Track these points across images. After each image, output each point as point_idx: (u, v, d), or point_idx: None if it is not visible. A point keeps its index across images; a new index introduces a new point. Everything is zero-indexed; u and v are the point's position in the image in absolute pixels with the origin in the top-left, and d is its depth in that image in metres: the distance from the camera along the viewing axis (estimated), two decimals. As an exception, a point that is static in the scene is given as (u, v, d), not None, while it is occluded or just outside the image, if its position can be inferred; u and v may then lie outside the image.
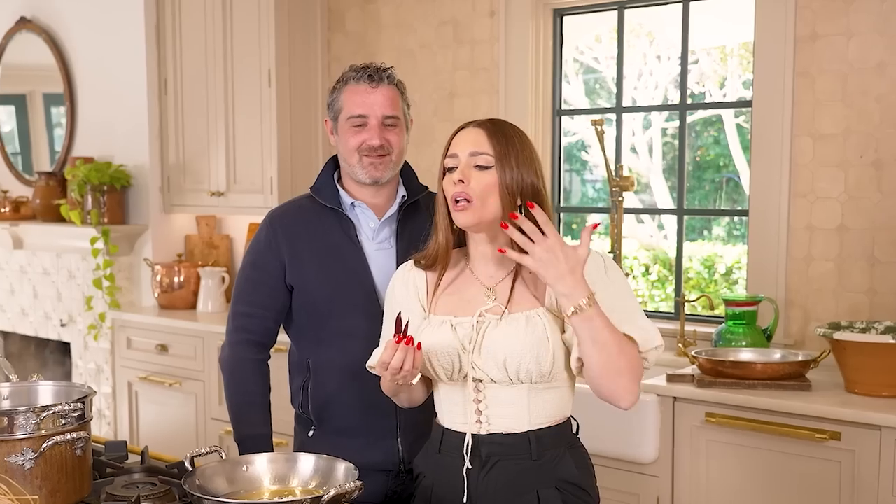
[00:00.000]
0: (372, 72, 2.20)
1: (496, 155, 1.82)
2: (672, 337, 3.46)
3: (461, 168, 1.83)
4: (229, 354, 2.28)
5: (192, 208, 4.76)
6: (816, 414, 2.69)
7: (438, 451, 1.90)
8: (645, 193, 7.39)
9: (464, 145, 1.85)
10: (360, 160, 2.19)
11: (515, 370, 1.79)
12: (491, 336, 1.81)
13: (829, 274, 3.25)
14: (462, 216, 1.83)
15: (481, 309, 1.84)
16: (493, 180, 1.81)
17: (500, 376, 1.81)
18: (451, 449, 1.88)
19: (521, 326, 1.80)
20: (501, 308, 1.84)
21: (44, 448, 1.74)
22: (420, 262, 1.95)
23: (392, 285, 2.00)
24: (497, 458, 1.83)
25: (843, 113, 3.20)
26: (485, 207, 1.82)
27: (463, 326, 1.84)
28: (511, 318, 1.82)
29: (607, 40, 6.82)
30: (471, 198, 1.81)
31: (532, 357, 1.78)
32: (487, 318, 1.83)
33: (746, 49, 6.51)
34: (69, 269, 5.05)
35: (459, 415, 1.87)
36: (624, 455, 3.00)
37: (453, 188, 1.83)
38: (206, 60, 4.54)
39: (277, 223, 2.26)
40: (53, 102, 5.35)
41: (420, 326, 1.89)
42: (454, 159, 1.85)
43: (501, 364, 1.79)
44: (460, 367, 1.83)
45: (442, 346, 1.83)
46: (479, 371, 1.81)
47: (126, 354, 4.70)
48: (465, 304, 1.87)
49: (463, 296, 1.89)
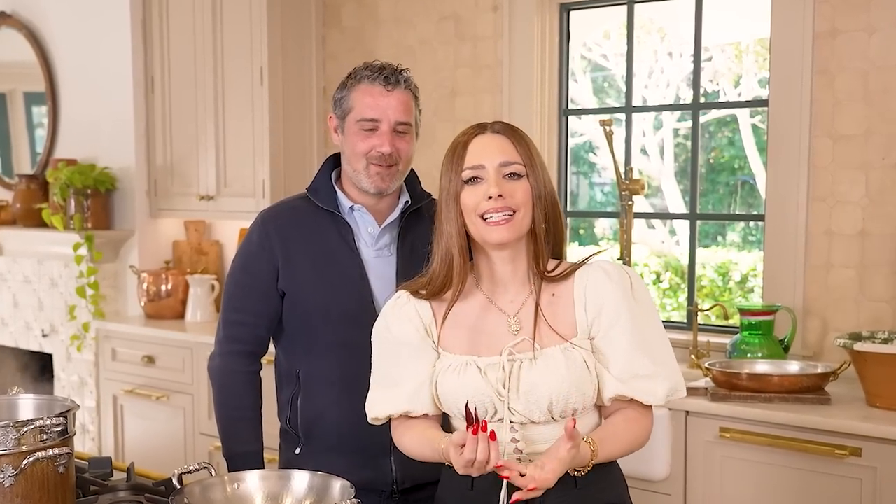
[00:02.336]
0: (389, 73, 2.17)
1: (526, 163, 1.79)
2: (684, 348, 3.46)
3: (493, 180, 1.76)
4: (219, 365, 2.28)
5: (180, 213, 4.76)
6: (836, 429, 2.69)
7: (471, 488, 1.80)
8: (656, 197, 7.39)
9: (489, 155, 1.78)
10: (366, 167, 2.17)
11: (560, 410, 1.74)
12: (528, 378, 1.74)
13: (849, 282, 3.25)
14: (503, 232, 1.75)
15: (509, 346, 1.76)
16: (528, 189, 1.77)
17: (542, 418, 1.75)
18: (487, 486, 1.75)
19: (560, 363, 1.75)
20: (530, 342, 1.77)
21: (24, 465, 1.74)
22: (420, 291, 1.85)
23: (386, 323, 1.88)
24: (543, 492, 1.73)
25: (863, 112, 3.20)
26: (524, 220, 1.77)
27: (492, 368, 1.75)
28: (546, 354, 1.76)
29: (616, 36, 6.83)
30: (516, 210, 1.76)
31: (578, 395, 1.74)
32: (518, 358, 1.76)
33: (762, 45, 6.52)
34: (51, 277, 5.06)
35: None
36: (634, 472, 3.00)
37: (487, 204, 1.75)
38: (195, 57, 4.55)
39: (270, 224, 2.25)
40: (34, 101, 5.36)
41: (436, 367, 1.82)
42: (479, 171, 1.77)
43: (545, 407, 1.73)
44: (496, 412, 1.75)
45: (472, 392, 1.75)
46: (518, 415, 1.75)
47: (111, 366, 4.70)
48: (488, 339, 1.79)
49: (482, 328, 1.81)
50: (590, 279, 1.80)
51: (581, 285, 1.80)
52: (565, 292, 1.81)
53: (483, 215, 1.76)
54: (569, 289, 1.81)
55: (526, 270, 1.82)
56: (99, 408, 4.78)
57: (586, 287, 1.79)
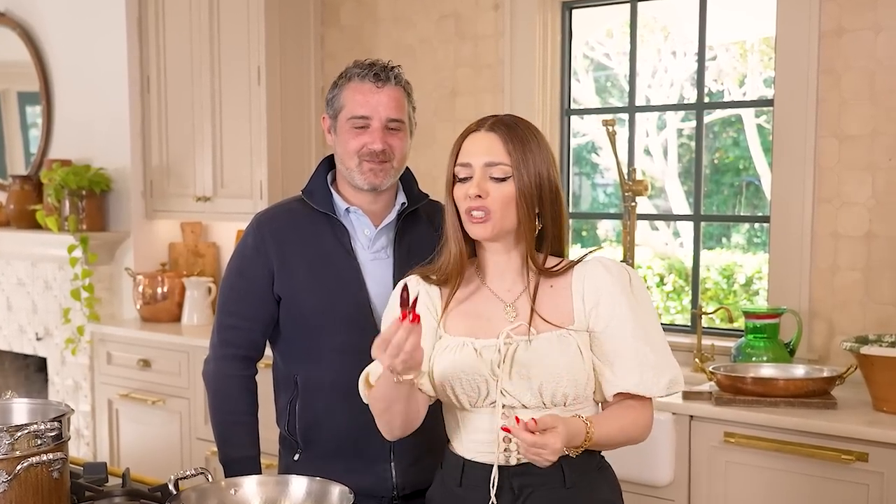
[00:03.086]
0: (378, 70, 2.18)
1: (513, 164, 1.82)
2: (688, 352, 3.46)
3: (476, 181, 1.81)
4: (214, 370, 2.28)
5: (176, 214, 4.76)
6: (842, 434, 2.69)
7: (459, 484, 1.86)
8: (659, 198, 7.39)
9: (477, 154, 1.83)
10: (359, 164, 2.18)
11: (551, 394, 1.79)
12: (521, 359, 1.79)
13: (855, 284, 3.25)
14: (480, 229, 1.83)
15: (507, 329, 1.82)
16: (510, 191, 1.82)
17: (533, 402, 1.79)
18: (476, 482, 1.83)
19: (554, 347, 1.80)
20: (526, 327, 1.82)
21: (18, 470, 1.74)
22: (431, 276, 1.92)
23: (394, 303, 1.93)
24: (531, 489, 1.81)
25: (870, 112, 3.20)
26: (504, 219, 1.82)
27: (488, 349, 1.81)
28: (541, 338, 1.81)
29: (619, 35, 6.84)
30: (490, 212, 1.81)
31: (569, 379, 1.79)
32: (515, 340, 1.81)
33: (768, 44, 6.53)
34: (45, 279, 5.05)
35: (484, 444, 1.84)
36: (637, 478, 3.00)
37: (468, 202, 1.82)
38: (192, 57, 4.55)
39: (266, 227, 2.25)
40: (28, 101, 5.36)
41: (435, 348, 1.87)
42: (467, 169, 1.84)
43: (536, 389, 1.78)
44: (487, 393, 1.81)
45: (466, 371, 1.80)
46: (509, 397, 1.80)
47: (106, 370, 4.70)
48: (485, 324, 1.85)
49: (480, 313, 1.86)
50: (588, 272, 1.87)
51: (580, 277, 1.86)
52: (563, 284, 1.87)
53: (465, 212, 1.84)
54: (567, 281, 1.87)
55: (521, 262, 1.88)
56: (94, 412, 4.78)
57: (585, 279, 1.86)
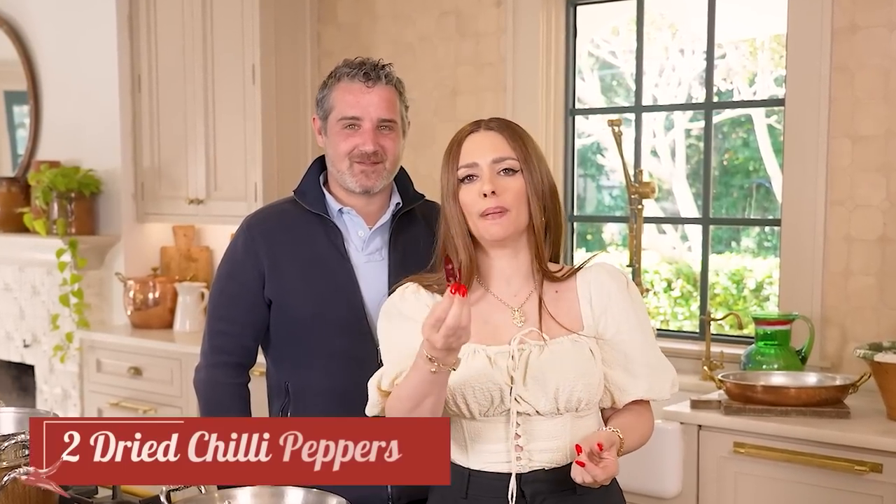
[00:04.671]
0: (368, 69, 2.19)
1: (520, 158, 1.85)
2: (697, 359, 3.46)
3: (487, 178, 1.83)
4: (205, 378, 2.28)
5: (168, 217, 4.77)
6: (856, 444, 2.69)
7: (465, 496, 1.85)
8: (667, 201, 7.39)
9: (482, 152, 1.85)
10: (350, 167, 2.19)
11: (566, 399, 1.80)
12: (536, 364, 1.81)
13: (869, 289, 3.25)
14: (497, 228, 1.83)
15: (520, 335, 1.83)
16: (521, 185, 1.84)
17: (548, 407, 1.81)
18: (484, 492, 1.83)
19: (569, 351, 1.83)
20: (538, 332, 1.84)
21: (5, 481, 1.74)
22: (431, 286, 1.90)
23: (396, 305, 1.91)
24: (543, 496, 1.82)
25: (884, 112, 3.20)
26: (518, 216, 1.85)
27: (501, 356, 1.81)
28: (555, 343, 1.84)
29: (625, 32, 6.84)
30: (508, 208, 1.83)
31: (583, 384, 1.81)
32: (529, 345, 1.83)
33: (779, 42, 6.53)
34: (33, 285, 5.06)
35: (497, 453, 1.83)
36: (644, 489, 3.00)
37: (482, 202, 1.82)
38: (184, 54, 4.56)
39: (256, 228, 2.26)
40: (16, 101, 5.37)
41: None
42: (473, 168, 1.85)
43: (551, 394, 1.80)
44: (501, 401, 1.81)
45: (479, 379, 1.79)
46: (524, 404, 1.80)
47: (96, 378, 4.70)
48: (494, 330, 1.86)
49: (487, 320, 1.87)
50: (594, 277, 1.91)
51: (585, 283, 1.90)
52: (569, 289, 1.90)
53: (481, 213, 1.83)
54: (572, 286, 1.91)
55: (528, 265, 1.90)
56: (83, 422, 4.77)
57: (591, 284, 1.90)
